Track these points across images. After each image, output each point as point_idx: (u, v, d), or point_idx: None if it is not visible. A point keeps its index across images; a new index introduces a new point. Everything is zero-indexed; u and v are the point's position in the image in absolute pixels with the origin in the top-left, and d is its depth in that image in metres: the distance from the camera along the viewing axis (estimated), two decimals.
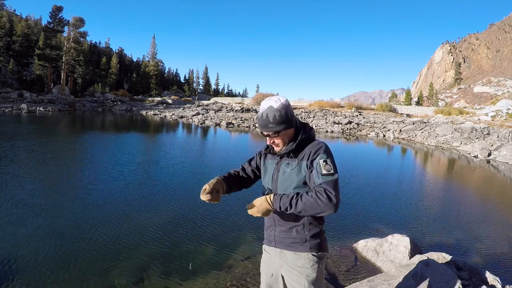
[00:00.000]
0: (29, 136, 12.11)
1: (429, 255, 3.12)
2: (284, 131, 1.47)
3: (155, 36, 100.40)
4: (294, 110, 2.02)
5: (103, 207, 4.83)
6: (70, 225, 4.10)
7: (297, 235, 1.51)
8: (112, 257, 3.34)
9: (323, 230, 1.57)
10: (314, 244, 1.51)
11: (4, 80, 40.34)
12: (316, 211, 1.33)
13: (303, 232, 1.50)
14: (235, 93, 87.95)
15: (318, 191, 1.33)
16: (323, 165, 1.37)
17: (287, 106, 1.45)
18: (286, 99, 1.48)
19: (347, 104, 37.47)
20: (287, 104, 1.46)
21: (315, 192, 1.33)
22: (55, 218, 4.32)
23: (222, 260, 3.41)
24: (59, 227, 4.03)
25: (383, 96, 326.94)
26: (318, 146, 1.45)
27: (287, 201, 1.37)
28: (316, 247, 1.52)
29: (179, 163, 8.72)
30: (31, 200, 5.00)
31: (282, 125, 1.44)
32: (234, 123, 23.37)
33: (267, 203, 1.42)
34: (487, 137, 15.46)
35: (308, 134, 1.51)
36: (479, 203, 6.61)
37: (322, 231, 1.55)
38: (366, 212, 5.32)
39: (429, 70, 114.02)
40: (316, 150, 1.43)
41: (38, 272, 3.01)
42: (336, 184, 1.35)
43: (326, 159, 1.39)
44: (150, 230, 4.05)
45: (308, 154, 1.44)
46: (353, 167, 9.61)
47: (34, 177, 6.36)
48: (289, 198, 1.37)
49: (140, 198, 5.41)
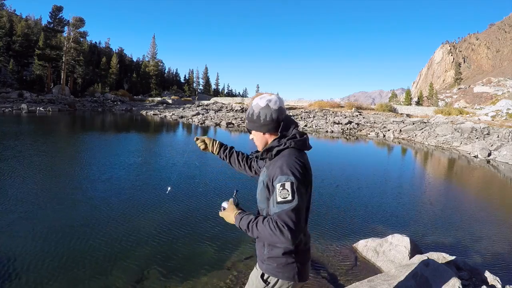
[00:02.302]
0: (29, 136, 12.11)
1: (429, 255, 3.12)
2: (256, 132, 1.38)
3: (155, 36, 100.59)
4: (294, 110, 1.91)
5: (103, 207, 4.83)
6: (70, 225, 4.10)
7: (259, 252, 1.40)
8: (112, 257, 3.34)
9: (295, 257, 1.31)
10: (270, 268, 1.33)
11: (4, 80, 40.31)
12: (271, 241, 1.21)
13: (263, 250, 1.36)
14: (235, 93, 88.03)
15: (272, 221, 1.17)
16: (279, 191, 1.17)
17: (267, 108, 1.31)
18: (274, 101, 1.33)
19: (347, 104, 37.46)
20: (267, 107, 1.32)
21: (269, 222, 1.17)
22: (55, 218, 4.32)
23: (222, 260, 3.41)
24: (59, 227, 4.03)
25: (383, 96, 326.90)
26: (280, 163, 1.23)
27: (245, 223, 1.26)
28: (273, 272, 1.33)
29: (179, 163, 8.72)
30: (31, 200, 4.99)
31: (252, 124, 1.37)
32: (234, 123, 23.37)
33: (232, 218, 1.33)
34: (487, 137, 15.46)
35: (282, 145, 1.28)
36: (479, 203, 6.61)
37: (290, 256, 1.30)
38: (366, 212, 5.32)
39: (429, 70, 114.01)
40: (277, 168, 1.23)
41: (38, 272, 3.01)
42: (291, 214, 1.14)
43: (284, 183, 1.17)
44: (150, 230, 4.05)
45: (273, 171, 1.25)
46: (353, 167, 9.61)
47: (34, 177, 6.36)
48: (248, 220, 1.25)
49: (140, 198, 5.41)
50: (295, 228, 1.14)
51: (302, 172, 1.22)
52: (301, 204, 1.18)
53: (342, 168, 9.20)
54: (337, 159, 10.97)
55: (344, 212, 5.25)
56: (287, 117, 1.37)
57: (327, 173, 8.09)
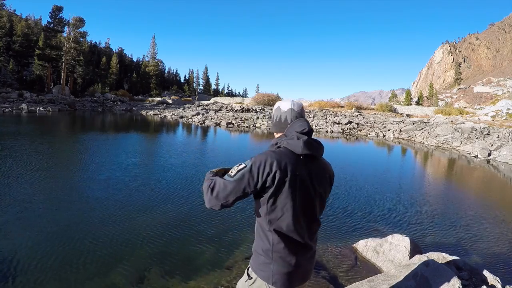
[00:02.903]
0: (29, 136, 12.10)
1: (429, 255, 3.12)
2: (274, 134, 1.52)
3: (155, 36, 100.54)
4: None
5: (102, 207, 4.83)
6: (70, 225, 4.10)
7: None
8: (112, 257, 3.34)
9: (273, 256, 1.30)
10: (253, 262, 1.39)
11: (4, 80, 40.29)
12: (204, 196, 1.34)
13: (254, 243, 1.42)
14: (235, 93, 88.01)
15: (212, 181, 1.33)
16: (236, 165, 1.32)
17: (279, 110, 1.47)
18: (288, 104, 1.46)
19: (347, 104, 37.48)
20: (279, 108, 1.47)
21: (209, 181, 1.34)
22: (55, 218, 4.32)
23: (222, 260, 3.41)
24: (59, 227, 4.03)
25: (383, 96, 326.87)
26: (258, 154, 1.34)
27: (206, 177, 1.41)
28: (254, 267, 1.36)
29: (179, 163, 8.71)
30: (31, 200, 4.99)
31: (271, 126, 1.53)
32: (234, 123, 23.36)
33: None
34: (487, 137, 15.46)
35: (277, 144, 1.37)
36: (479, 203, 6.60)
37: (267, 256, 1.31)
38: (366, 212, 5.32)
39: (429, 70, 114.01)
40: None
41: (38, 272, 3.01)
42: (222, 184, 1.28)
43: (242, 163, 1.31)
44: (150, 230, 4.05)
45: None
46: (353, 167, 9.61)
47: (33, 177, 6.36)
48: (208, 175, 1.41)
49: (140, 198, 5.41)
50: (214, 196, 1.28)
51: (261, 166, 1.25)
52: (236, 185, 1.26)
53: (342, 168, 9.20)
54: (337, 159, 10.97)
55: (344, 212, 5.25)
56: (297, 121, 1.41)
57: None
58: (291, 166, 1.28)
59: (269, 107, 33.24)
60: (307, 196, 1.33)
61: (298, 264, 1.33)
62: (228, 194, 1.27)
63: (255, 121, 24.09)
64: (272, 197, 1.28)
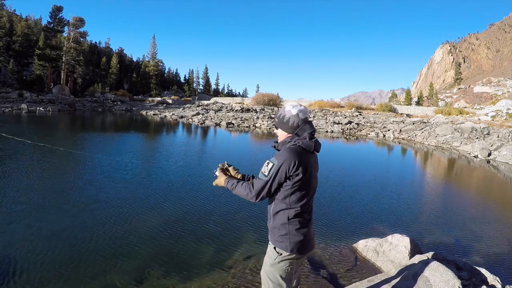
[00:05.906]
0: (29, 136, 12.10)
1: (429, 255, 3.12)
2: (282, 131, 1.78)
3: (155, 36, 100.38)
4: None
5: (102, 207, 4.83)
6: (70, 225, 4.10)
7: (268, 225, 1.79)
8: (112, 257, 3.35)
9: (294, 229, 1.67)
10: (273, 240, 1.73)
11: (4, 80, 40.28)
12: (242, 195, 1.73)
13: (269, 222, 1.78)
14: (235, 93, 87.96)
15: (250, 182, 1.73)
16: (265, 165, 1.66)
17: (296, 117, 1.70)
18: (302, 111, 1.71)
19: (347, 104, 37.49)
20: (296, 115, 1.71)
21: (247, 184, 1.73)
22: (55, 218, 4.32)
23: (222, 260, 3.41)
24: (59, 227, 4.03)
25: (383, 96, 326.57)
26: (280, 152, 1.66)
27: (230, 185, 1.81)
28: (276, 243, 1.70)
29: (179, 163, 8.72)
30: (31, 200, 4.99)
31: (281, 124, 1.77)
32: (234, 123, 23.36)
33: (222, 182, 1.88)
34: (487, 137, 15.46)
35: (286, 143, 1.71)
36: (479, 203, 6.61)
37: (284, 228, 1.68)
38: (366, 212, 5.32)
39: (429, 70, 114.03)
40: (276, 154, 1.67)
41: (38, 272, 3.01)
42: (261, 184, 1.65)
43: (270, 162, 1.64)
44: (150, 230, 4.05)
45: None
46: (353, 167, 9.61)
47: (33, 177, 6.36)
48: (232, 183, 1.81)
49: (140, 198, 5.41)
50: (256, 194, 1.67)
51: (288, 163, 1.59)
52: (272, 182, 1.63)
53: (342, 168, 9.20)
54: (337, 159, 10.97)
55: (344, 212, 5.25)
56: (307, 123, 1.72)
57: (327, 173, 8.08)
58: (307, 160, 1.65)
59: (269, 107, 33.25)
60: (313, 181, 1.74)
61: (308, 233, 1.72)
62: (268, 191, 1.66)
63: (255, 121, 24.09)
64: (295, 184, 1.63)
